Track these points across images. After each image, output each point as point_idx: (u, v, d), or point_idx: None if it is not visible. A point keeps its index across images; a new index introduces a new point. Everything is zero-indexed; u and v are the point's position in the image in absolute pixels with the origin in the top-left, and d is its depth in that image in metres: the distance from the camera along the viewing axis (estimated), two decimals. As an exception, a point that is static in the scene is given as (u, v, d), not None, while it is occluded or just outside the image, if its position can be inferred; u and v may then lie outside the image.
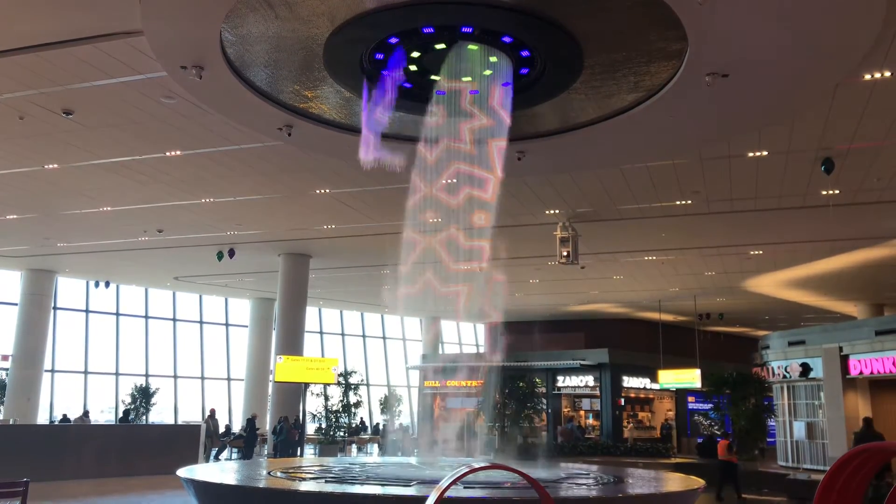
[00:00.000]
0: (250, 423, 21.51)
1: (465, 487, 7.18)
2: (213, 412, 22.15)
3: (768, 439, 23.95)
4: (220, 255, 20.28)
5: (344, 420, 22.43)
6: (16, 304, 24.82)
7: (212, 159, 13.12)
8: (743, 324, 34.28)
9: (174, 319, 29.69)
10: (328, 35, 8.10)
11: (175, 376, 29.05)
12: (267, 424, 23.81)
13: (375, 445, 27.51)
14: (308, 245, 20.44)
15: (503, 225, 14.59)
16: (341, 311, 33.99)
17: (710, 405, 26.88)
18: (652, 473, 10.74)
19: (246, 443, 21.29)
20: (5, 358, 24.37)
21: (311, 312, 28.21)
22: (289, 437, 20.11)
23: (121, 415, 24.74)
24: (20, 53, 9.14)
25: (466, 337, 38.74)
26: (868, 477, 4.59)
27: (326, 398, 22.68)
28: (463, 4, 7.53)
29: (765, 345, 23.15)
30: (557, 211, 15.84)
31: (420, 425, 31.29)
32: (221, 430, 23.98)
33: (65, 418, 22.81)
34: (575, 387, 30.19)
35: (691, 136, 10.84)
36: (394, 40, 8.21)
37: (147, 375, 27.78)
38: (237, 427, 26.05)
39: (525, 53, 8.42)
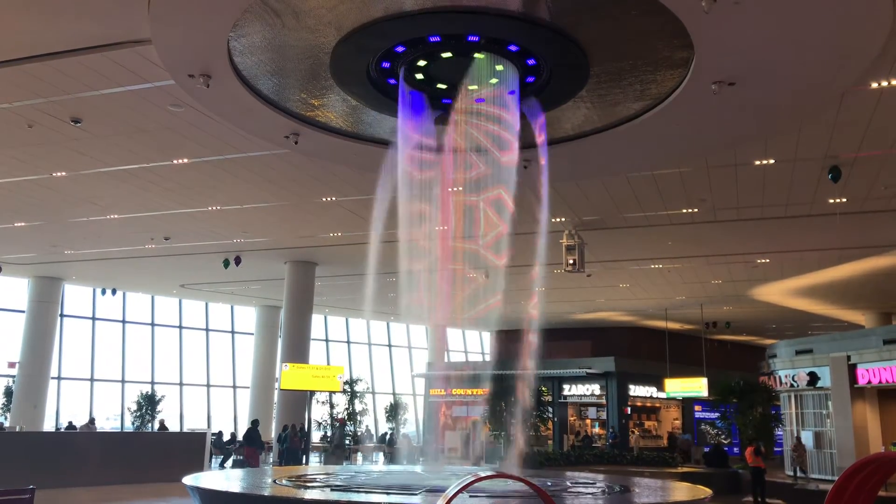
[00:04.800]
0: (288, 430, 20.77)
1: (470, 496, 7.15)
2: (343, 421, 20.93)
3: (776, 449, 23.81)
4: (226, 263, 20.33)
5: (349, 428, 22.38)
6: (23, 312, 24.90)
7: (219, 167, 13.17)
8: (750, 332, 34.14)
9: (180, 327, 29.74)
10: (335, 44, 8.13)
11: (181, 384, 29.07)
12: (272, 432, 23.76)
13: (381, 454, 27.44)
14: (314, 253, 20.47)
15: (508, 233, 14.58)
16: (347, 319, 34.00)
17: (716, 414, 26.76)
18: (658, 483, 10.69)
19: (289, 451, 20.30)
20: (12, 365, 24.44)
21: (316, 320, 28.22)
22: (292, 445, 20.05)
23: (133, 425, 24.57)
24: (29, 62, 9.21)
25: (472, 345, 38.69)
26: (877, 487, 4.56)
27: (332, 406, 22.64)
28: (470, 14, 7.55)
29: (772, 353, 23.02)
30: (563, 219, 15.83)
31: (425, 433, 31.22)
32: (227, 437, 23.97)
33: (70, 426, 22.83)
34: (581, 395, 30.09)
35: (697, 144, 10.83)
36: (400, 49, 8.24)
37: (153, 383, 27.80)
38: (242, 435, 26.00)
39: (531, 62, 8.44)
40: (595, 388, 29.69)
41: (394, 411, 29.84)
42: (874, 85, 9.15)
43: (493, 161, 9.72)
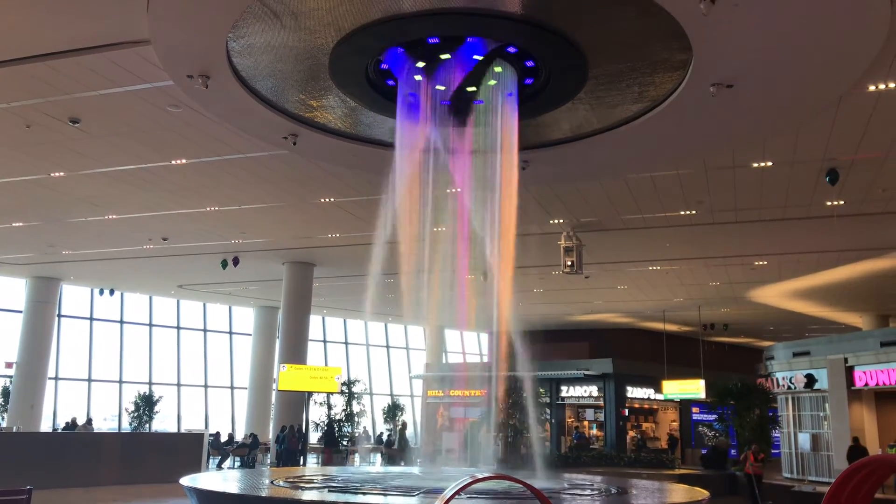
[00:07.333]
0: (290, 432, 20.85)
1: (468, 497, 7.15)
2: (405, 424, 21.29)
3: (773, 451, 23.82)
4: (224, 264, 20.31)
5: (347, 429, 22.38)
6: (20, 312, 24.86)
7: (217, 168, 13.16)
8: (747, 334, 34.16)
9: (178, 328, 29.70)
10: (334, 45, 8.14)
11: (178, 384, 29.04)
12: (270, 433, 23.74)
13: (378, 455, 27.42)
14: (312, 253, 20.46)
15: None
16: (345, 320, 33.98)
17: (714, 416, 26.78)
18: (656, 484, 10.69)
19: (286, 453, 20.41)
20: (9, 365, 24.40)
21: (314, 321, 28.19)
22: (290, 446, 20.05)
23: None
24: (28, 62, 9.19)
25: (470, 346, 38.67)
26: (874, 489, 4.56)
27: (330, 407, 22.63)
28: (468, 15, 7.56)
29: (769, 356, 23.06)
30: (561, 220, 15.83)
31: (423, 435, 31.19)
32: (224, 438, 23.94)
33: (67, 426, 22.79)
34: (579, 397, 30.08)
35: (696, 147, 10.85)
36: (399, 50, 8.25)
37: (150, 383, 27.77)
38: (240, 436, 25.99)
39: (530, 63, 8.45)
40: (593, 390, 29.68)
41: (391, 412, 29.81)
42: (872, 88, 9.16)
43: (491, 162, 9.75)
